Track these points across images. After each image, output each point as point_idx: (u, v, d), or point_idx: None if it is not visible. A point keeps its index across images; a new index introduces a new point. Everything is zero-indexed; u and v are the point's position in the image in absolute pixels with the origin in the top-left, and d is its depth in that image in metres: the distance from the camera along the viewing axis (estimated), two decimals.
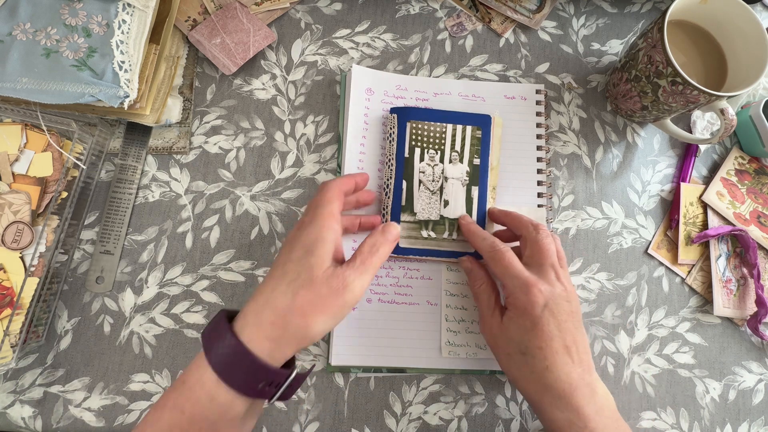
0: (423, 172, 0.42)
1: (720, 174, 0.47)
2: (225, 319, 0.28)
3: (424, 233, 0.42)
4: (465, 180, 0.42)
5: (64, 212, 0.39)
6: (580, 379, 0.31)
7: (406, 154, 0.42)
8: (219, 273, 0.42)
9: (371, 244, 0.32)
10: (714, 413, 0.43)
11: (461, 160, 0.42)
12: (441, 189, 0.42)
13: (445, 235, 0.42)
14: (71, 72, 0.38)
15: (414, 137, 0.42)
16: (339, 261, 0.31)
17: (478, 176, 0.42)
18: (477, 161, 0.42)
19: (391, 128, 0.43)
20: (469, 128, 0.43)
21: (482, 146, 0.43)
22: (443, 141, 0.42)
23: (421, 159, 0.42)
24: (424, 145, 0.42)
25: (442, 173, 0.42)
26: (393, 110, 0.43)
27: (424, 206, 0.42)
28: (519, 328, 0.32)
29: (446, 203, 0.42)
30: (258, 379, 0.27)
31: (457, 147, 0.42)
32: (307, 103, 0.46)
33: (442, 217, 0.42)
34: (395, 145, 0.42)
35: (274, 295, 0.27)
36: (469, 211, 0.42)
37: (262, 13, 0.47)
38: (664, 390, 0.43)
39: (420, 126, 0.42)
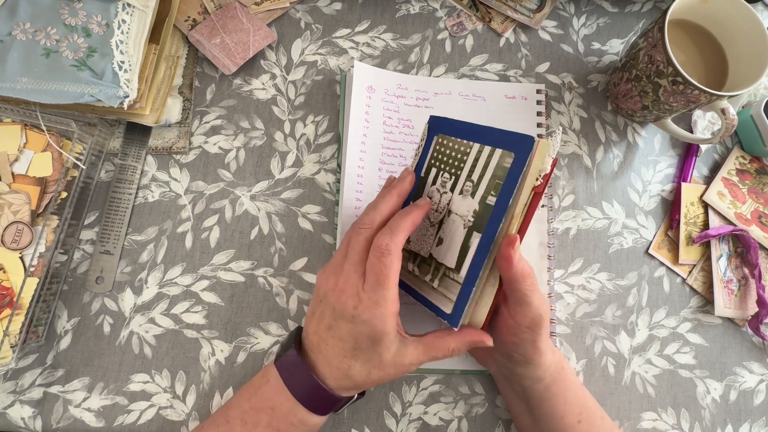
0: (430, 198, 0.35)
1: (721, 174, 0.47)
2: (311, 372, 0.33)
3: (410, 266, 0.36)
4: (469, 221, 0.32)
5: (63, 212, 0.39)
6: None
7: (423, 173, 0.35)
8: (219, 273, 0.42)
9: (443, 350, 0.33)
10: (715, 414, 0.42)
11: (473, 194, 0.32)
12: (440, 223, 0.34)
13: (427, 278, 0.34)
14: (71, 72, 0.38)
15: (435, 155, 0.35)
16: (401, 330, 0.34)
17: (486, 221, 0.31)
18: (491, 200, 0.31)
19: (421, 140, 0.36)
20: (498, 153, 0.31)
21: (506, 181, 0.30)
22: (462, 164, 0.33)
23: (434, 182, 0.35)
24: (442, 165, 0.34)
25: (448, 204, 0.33)
26: (431, 119, 0.36)
27: (418, 237, 0.35)
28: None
29: (440, 241, 0.34)
30: (339, 406, 0.35)
31: (475, 175, 0.32)
32: (307, 103, 0.46)
33: (431, 255, 0.34)
34: (416, 161, 0.36)
35: (352, 373, 0.32)
36: (460, 261, 0.32)
37: (262, 12, 0.47)
38: (664, 390, 0.43)
39: (445, 142, 0.34)
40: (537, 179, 0.30)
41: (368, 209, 0.34)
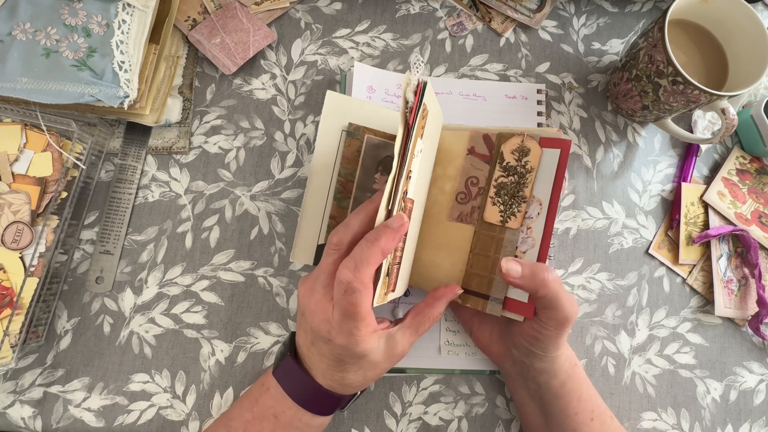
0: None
1: (721, 174, 0.47)
2: (309, 377, 0.33)
3: None
4: None
5: (63, 212, 0.39)
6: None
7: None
8: (219, 273, 0.42)
9: (427, 321, 0.34)
10: (715, 414, 0.42)
11: None
12: None
13: None
14: (71, 72, 0.38)
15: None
16: (383, 326, 0.33)
17: None
18: None
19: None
20: None
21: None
22: None
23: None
24: None
25: None
26: None
27: None
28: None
29: None
30: (344, 403, 0.36)
31: None
32: (306, 103, 0.46)
33: None
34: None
35: (348, 381, 0.33)
36: None
37: (262, 12, 0.47)
38: (664, 390, 0.43)
39: None
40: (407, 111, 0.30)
41: (340, 225, 0.31)
